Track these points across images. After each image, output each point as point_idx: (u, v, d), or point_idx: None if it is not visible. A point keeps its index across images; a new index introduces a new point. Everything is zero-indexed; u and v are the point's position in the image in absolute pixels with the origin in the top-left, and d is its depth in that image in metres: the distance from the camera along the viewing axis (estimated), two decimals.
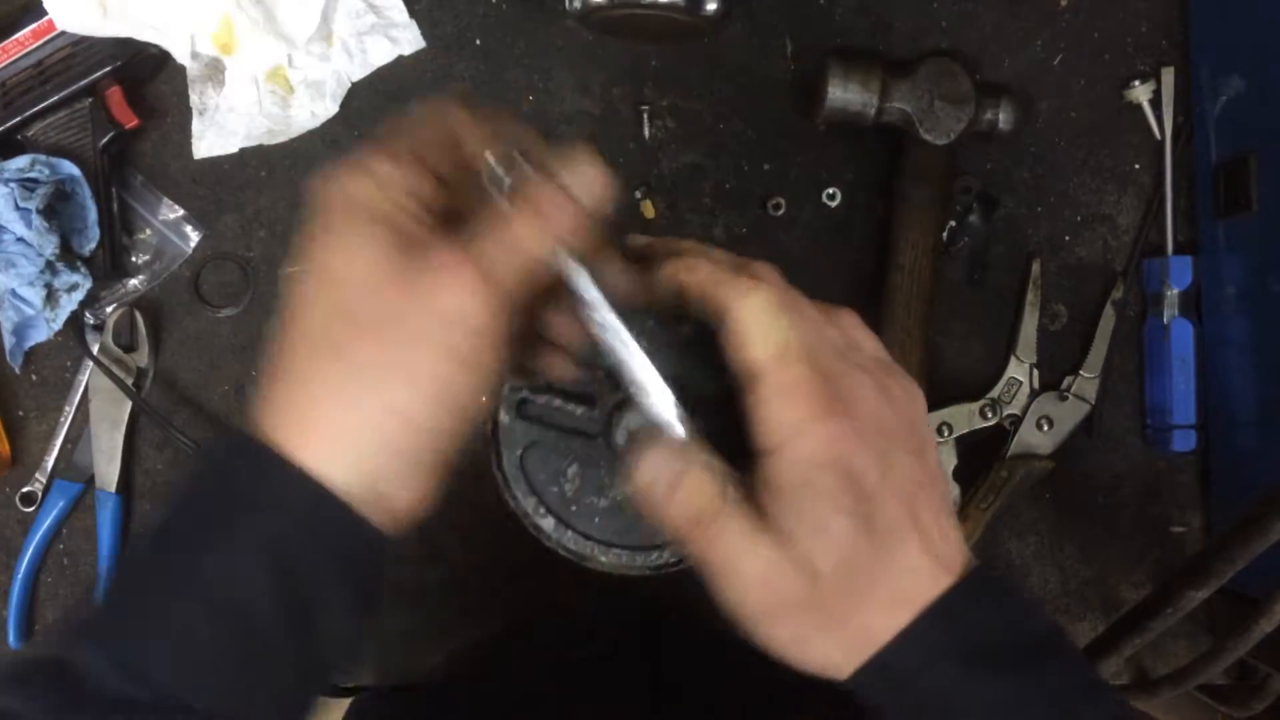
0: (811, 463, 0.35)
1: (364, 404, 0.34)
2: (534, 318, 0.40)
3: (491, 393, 0.38)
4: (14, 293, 0.66)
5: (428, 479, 0.35)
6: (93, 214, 0.68)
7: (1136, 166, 0.71)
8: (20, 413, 0.71)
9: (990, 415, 0.69)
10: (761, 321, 0.36)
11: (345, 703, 0.67)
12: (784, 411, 0.35)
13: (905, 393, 0.38)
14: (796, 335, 0.36)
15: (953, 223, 0.68)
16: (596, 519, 0.42)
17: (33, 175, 0.66)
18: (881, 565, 0.36)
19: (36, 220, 0.65)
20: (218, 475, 0.35)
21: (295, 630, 0.33)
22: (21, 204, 0.65)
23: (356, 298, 0.34)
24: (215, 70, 0.70)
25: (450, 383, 0.34)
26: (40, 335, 0.68)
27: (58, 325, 0.67)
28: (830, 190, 0.70)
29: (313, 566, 0.33)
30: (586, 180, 0.36)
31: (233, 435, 0.35)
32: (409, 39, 0.70)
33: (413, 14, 0.70)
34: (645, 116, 0.70)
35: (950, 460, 0.69)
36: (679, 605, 0.68)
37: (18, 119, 0.67)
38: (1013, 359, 0.69)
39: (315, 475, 0.33)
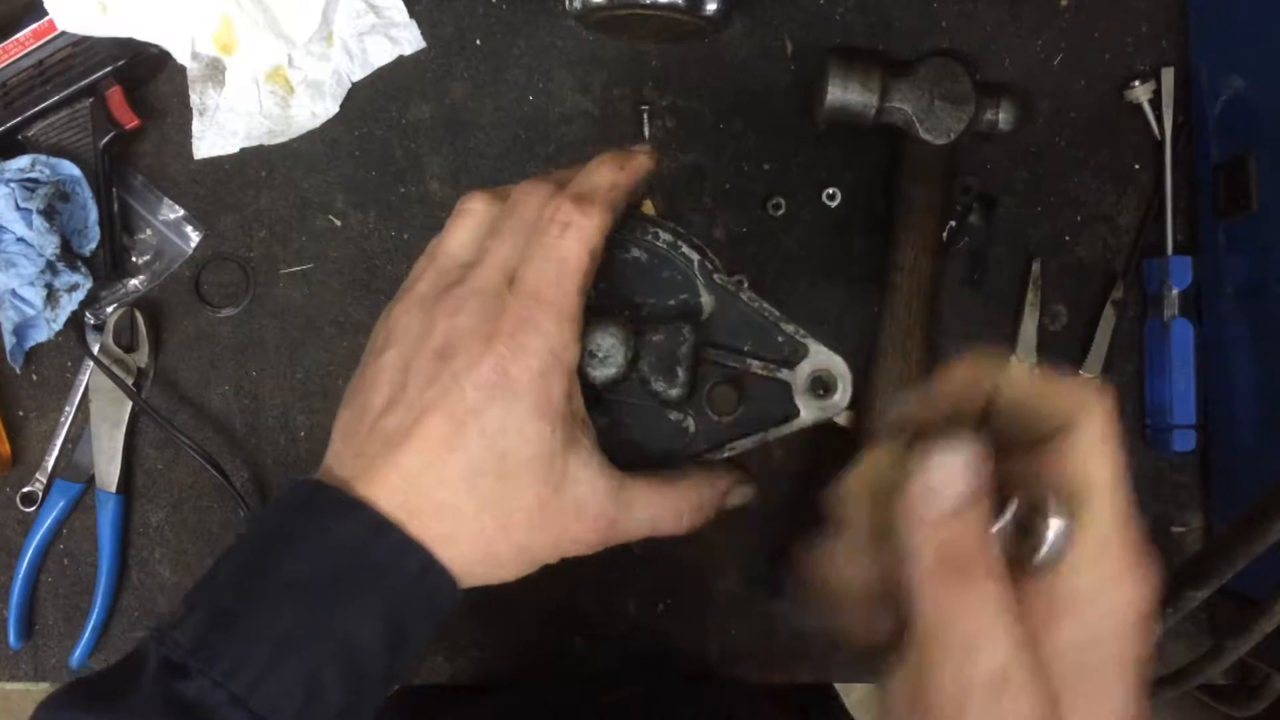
0: (1115, 629, 0.32)
1: (496, 526, 0.39)
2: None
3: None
4: (14, 293, 0.66)
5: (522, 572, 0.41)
6: (93, 214, 0.68)
7: (1136, 166, 0.70)
8: (20, 413, 0.71)
9: None
10: (1109, 436, 0.32)
11: None
12: (1104, 557, 0.32)
13: None
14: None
15: (953, 223, 0.68)
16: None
17: (33, 175, 0.66)
18: None
19: (37, 220, 0.65)
20: (335, 530, 0.38)
21: (394, 673, 0.39)
22: (22, 204, 0.65)
23: (533, 451, 0.38)
24: (215, 70, 0.70)
25: (574, 543, 0.40)
26: (40, 335, 0.68)
27: (58, 325, 0.67)
28: (830, 190, 0.70)
29: (418, 626, 0.39)
30: None
31: (334, 491, 0.39)
32: (409, 39, 0.70)
33: (413, 14, 0.70)
34: (645, 116, 0.70)
35: None
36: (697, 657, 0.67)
37: (18, 119, 0.67)
38: (1013, 359, 0.69)
39: (431, 550, 0.38)
